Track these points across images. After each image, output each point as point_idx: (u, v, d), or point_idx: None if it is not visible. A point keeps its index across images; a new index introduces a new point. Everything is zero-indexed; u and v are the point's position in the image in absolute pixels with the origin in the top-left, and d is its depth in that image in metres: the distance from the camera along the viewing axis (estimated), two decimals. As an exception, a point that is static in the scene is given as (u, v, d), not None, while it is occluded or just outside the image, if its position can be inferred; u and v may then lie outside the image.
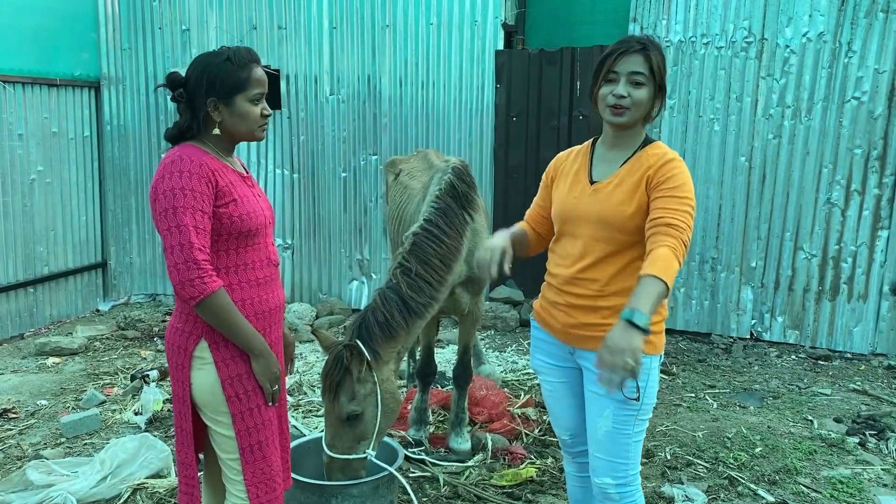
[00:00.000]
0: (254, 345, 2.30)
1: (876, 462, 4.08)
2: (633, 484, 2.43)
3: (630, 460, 2.41)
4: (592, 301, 2.37)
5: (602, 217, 2.34)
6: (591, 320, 2.38)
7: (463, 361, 4.15)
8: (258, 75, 2.32)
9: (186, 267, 2.15)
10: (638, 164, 2.33)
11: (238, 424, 2.33)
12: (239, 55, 2.30)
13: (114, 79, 7.53)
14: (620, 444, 2.39)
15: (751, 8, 6.00)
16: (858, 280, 5.96)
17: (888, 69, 5.68)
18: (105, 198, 7.61)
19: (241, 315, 2.27)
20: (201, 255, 2.17)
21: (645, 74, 2.27)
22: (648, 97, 2.30)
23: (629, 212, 2.30)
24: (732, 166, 6.19)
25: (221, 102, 2.28)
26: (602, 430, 2.39)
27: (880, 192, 5.82)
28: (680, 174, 2.26)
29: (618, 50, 2.30)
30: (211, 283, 2.17)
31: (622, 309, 2.17)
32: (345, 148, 7.21)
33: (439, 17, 6.80)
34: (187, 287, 2.16)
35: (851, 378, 5.51)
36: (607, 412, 2.37)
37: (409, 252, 3.43)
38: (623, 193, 2.32)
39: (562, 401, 2.61)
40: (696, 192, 2.33)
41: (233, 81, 2.27)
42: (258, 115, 2.33)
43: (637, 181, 2.30)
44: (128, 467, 3.79)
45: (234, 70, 2.27)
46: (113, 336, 6.48)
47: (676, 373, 5.59)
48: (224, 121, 2.31)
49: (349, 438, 3.10)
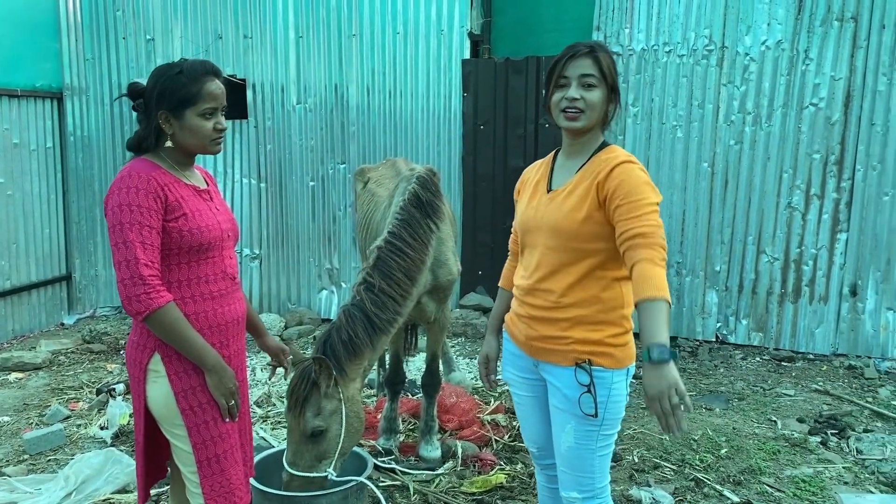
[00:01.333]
0: (206, 359, 2.29)
1: (837, 460, 4.17)
2: (601, 496, 2.40)
3: (596, 474, 2.37)
4: (549, 313, 2.34)
5: (555, 226, 2.30)
6: (551, 333, 2.34)
7: (431, 369, 4.16)
8: (210, 90, 2.29)
9: (132, 283, 2.15)
10: (590, 169, 2.30)
11: (194, 437, 2.32)
12: (193, 68, 2.28)
13: (77, 89, 7.44)
14: (584, 458, 2.34)
15: (711, 17, 6.12)
16: (819, 282, 6.09)
17: (843, 76, 5.83)
18: (69, 209, 7.50)
19: (192, 330, 2.26)
20: (147, 271, 2.17)
21: (596, 76, 2.26)
22: (601, 99, 2.28)
23: (580, 217, 2.25)
24: (696, 172, 6.30)
25: (171, 115, 2.28)
26: (565, 445, 2.36)
27: (838, 196, 5.96)
28: (628, 178, 2.19)
29: (567, 55, 2.29)
30: (157, 299, 2.17)
31: (581, 321, 2.22)
32: (312, 157, 7.20)
33: (406, 26, 6.83)
34: (133, 302, 2.17)
35: (814, 378, 5.62)
36: (569, 427, 2.33)
37: (373, 267, 3.42)
38: (575, 200, 2.28)
39: (530, 414, 2.58)
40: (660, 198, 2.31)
41: (182, 95, 2.25)
42: (209, 129, 2.31)
43: (588, 187, 2.26)
44: (93, 483, 3.74)
45: (186, 83, 2.25)
46: (78, 350, 6.38)
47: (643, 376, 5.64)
48: (175, 134, 2.30)
49: (311, 457, 3.06)
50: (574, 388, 2.28)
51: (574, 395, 2.28)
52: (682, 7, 6.18)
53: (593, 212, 2.24)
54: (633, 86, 6.38)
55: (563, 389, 2.32)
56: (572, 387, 2.29)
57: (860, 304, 6.00)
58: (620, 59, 6.38)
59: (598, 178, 2.24)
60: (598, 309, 2.28)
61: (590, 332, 2.28)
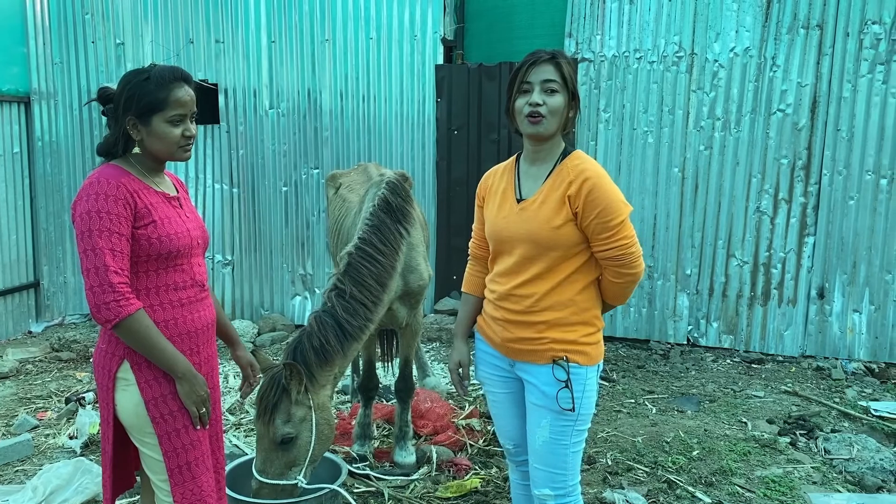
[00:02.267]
0: (177, 367, 2.27)
1: (806, 461, 4.24)
2: (572, 494, 2.46)
3: (568, 471, 2.44)
4: (526, 317, 2.40)
5: (532, 236, 2.36)
6: (527, 335, 2.41)
7: (404, 374, 4.15)
8: (178, 96, 2.26)
9: (101, 290, 2.13)
10: (560, 178, 2.36)
11: (165, 445, 2.30)
12: (161, 74, 2.26)
13: (45, 93, 7.33)
14: (558, 454, 2.42)
15: (681, 24, 6.21)
16: (788, 285, 6.19)
17: (810, 83, 5.95)
18: (37, 215, 7.39)
19: (162, 337, 2.25)
20: (117, 278, 2.15)
21: (557, 82, 2.32)
22: (563, 104, 2.34)
23: (557, 224, 2.32)
24: (666, 177, 6.38)
25: (139, 121, 2.26)
26: (540, 440, 2.42)
27: (806, 201, 6.07)
28: (599, 196, 2.29)
29: (528, 61, 2.36)
30: (127, 307, 2.15)
31: (557, 323, 2.31)
32: (285, 162, 7.16)
33: (378, 31, 6.83)
34: (102, 310, 2.14)
35: (783, 380, 5.71)
36: (545, 422, 2.41)
37: (344, 273, 3.42)
38: (549, 210, 2.34)
39: (506, 411, 2.64)
40: (632, 203, 2.40)
41: (150, 101, 2.23)
42: (177, 136, 2.28)
43: (561, 197, 2.33)
44: (62, 493, 3.67)
45: (153, 90, 2.23)
46: (46, 358, 6.28)
47: (616, 379, 5.71)
48: (143, 140, 2.29)
49: (281, 464, 3.04)
50: (552, 385, 2.37)
51: (552, 391, 2.36)
52: (652, 14, 6.26)
53: (568, 220, 2.32)
54: (605, 92, 6.44)
55: (541, 386, 2.40)
56: (550, 383, 2.37)
57: (827, 307, 6.11)
58: (592, 65, 6.44)
59: (569, 190, 2.32)
60: (573, 311, 2.38)
61: (565, 333, 2.37)
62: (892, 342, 5.97)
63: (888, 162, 5.83)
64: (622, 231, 2.30)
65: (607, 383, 5.58)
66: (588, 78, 6.44)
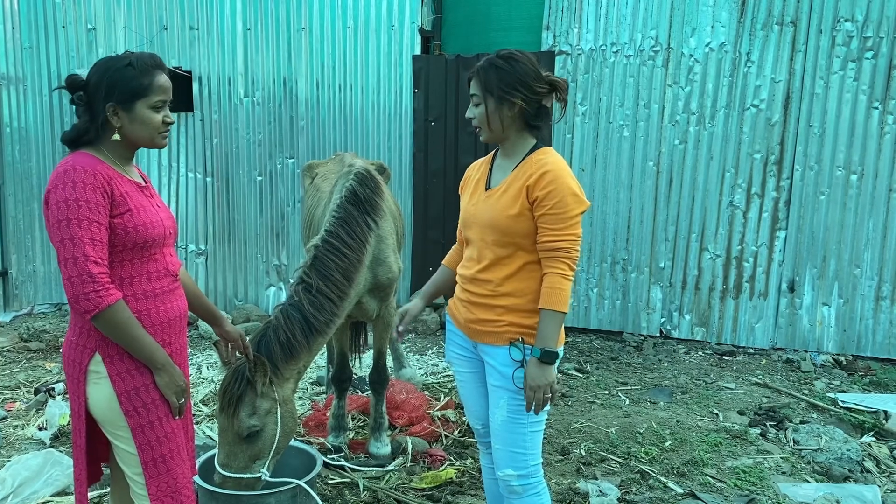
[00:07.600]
0: (156, 358, 2.25)
1: (776, 451, 4.31)
2: (534, 476, 2.54)
3: (528, 451, 2.51)
4: (487, 300, 2.52)
5: (491, 221, 2.48)
6: (487, 317, 2.52)
7: (378, 366, 4.14)
8: (161, 82, 2.27)
9: (81, 280, 2.10)
10: (522, 170, 2.47)
11: (138, 438, 2.28)
12: (142, 61, 2.24)
13: (14, 79, 7.19)
14: (516, 433, 2.49)
15: (657, 18, 6.24)
16: (759, 279, 6.28)
17: (783, 79, 6.01)
18: (5, 203, 7.25)
19: (141, 328, 2.22)
20: (97, 268, 2.11)
21: (478, 94, 2.49)
22: (488, 111, 2.47)
23: (513, 214, 2.42)
24: (641, 170, 6.42)
25: (121, 108, 2.23)
26: (499, 419, 2.51)
27: (778, 195, 6.15)
28: (556, 189, 2.37)
29: (468, 76, 2.55)
30: (107, 297, 2.12)
31: (515, 308, 2.43)
32: (260, 151, 7.10)
33: (356, 20, 6.78)
34: (82, 301, 2.11)
35: (753, 372, 5.79)
36: (502, 402, 2.50)
37: (311, 266, 3.38)
38: (508, 199, 2.45)
39: (472, 391, 2.74)
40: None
41: (133, 87, 2.21)
42: (159, 122, 2.28)
43: (519, 188, 2.43)
44: (31, 485, 3.62)
45: (136, 75, 2.22)
46: (15, 348, 6.17)
47: (590, 371, 5.75)
48: (123, 127, 2.25)
49: (245, 458, 3.00)
50: (508, 365, 2.47)
51: (508, 371, 2.46)
52: (629, 8, 6.29)
53: (524, 210, 2.43)
54: (582, 85, 6.46)
55: (499, 367, 2.50)
56: (507, 364, 2.47)
57: (797, 300, 6.21)
58: (569, 58, 6.45)
59: (528, 180, 2.43)
60: (530, 299, 2.47)
61: (523, 319, 2.48)
62: (859, 335, 6.09)
63: (858, 158, 5.92)
64: (575, 228, 2.39)
65: (581, 375, 5.62)
66: (565, 71, 6.45)
